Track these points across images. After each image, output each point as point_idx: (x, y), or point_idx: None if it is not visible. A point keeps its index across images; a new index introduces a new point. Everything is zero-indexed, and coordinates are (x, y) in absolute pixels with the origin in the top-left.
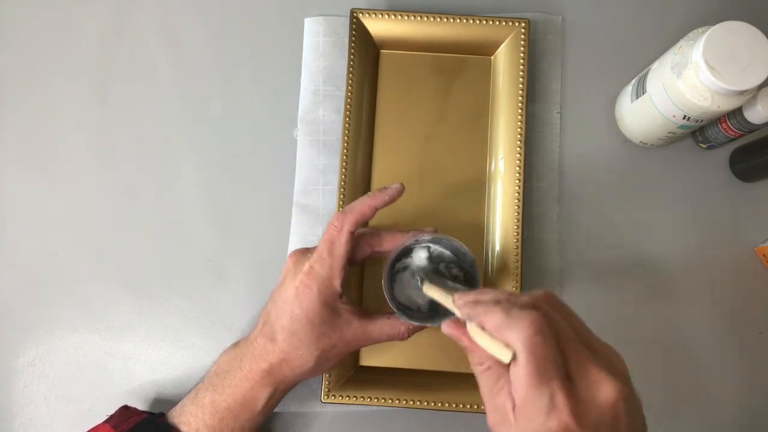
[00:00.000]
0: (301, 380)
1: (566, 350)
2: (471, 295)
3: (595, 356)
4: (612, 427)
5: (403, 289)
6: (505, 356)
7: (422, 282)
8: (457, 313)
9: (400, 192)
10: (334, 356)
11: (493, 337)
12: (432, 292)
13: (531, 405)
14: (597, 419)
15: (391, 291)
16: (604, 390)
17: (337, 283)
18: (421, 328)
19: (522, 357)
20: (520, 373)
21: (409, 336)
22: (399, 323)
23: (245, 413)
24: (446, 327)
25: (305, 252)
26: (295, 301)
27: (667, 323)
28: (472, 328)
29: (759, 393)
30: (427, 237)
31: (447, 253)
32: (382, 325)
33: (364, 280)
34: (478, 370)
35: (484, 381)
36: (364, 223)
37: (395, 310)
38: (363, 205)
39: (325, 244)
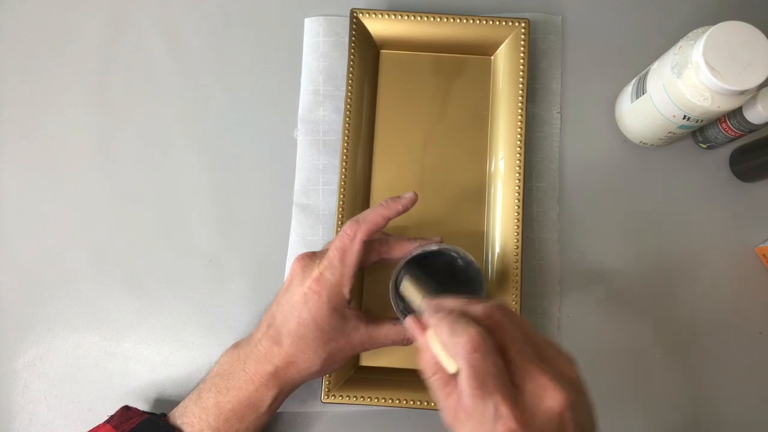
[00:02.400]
0: (306, 381)
1: (513, 359)
2: (434, 302)
3: (543, 363)
4: (588, 406)
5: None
6: (450, 368)
7: (401, 282)
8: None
9: (414, 201)
10: (340, 359)
11: (443, 348)
12: (408, 291)
13: (478, 414)
14: (542, 426)
15: (397, 298)
16: (549, 397)
17: (346, 291)
18: None
19: (462, 371)
20: (463, 386)
21: (413, 342)
22: (404, 329)
23: (250, 414)
24: (409, 321)
25: (312, 256)
26: (303, 306)
27: (666, 323)
28: (430, 334)
29: (759, 393)
30: (434, 247)
31: (458, 262)
32: (387, 331)
33: (365, 284)
34: (426, 373)
35: (433, 385)
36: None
37: (401, 317)
38: (376, 215)
39: (337, 251)
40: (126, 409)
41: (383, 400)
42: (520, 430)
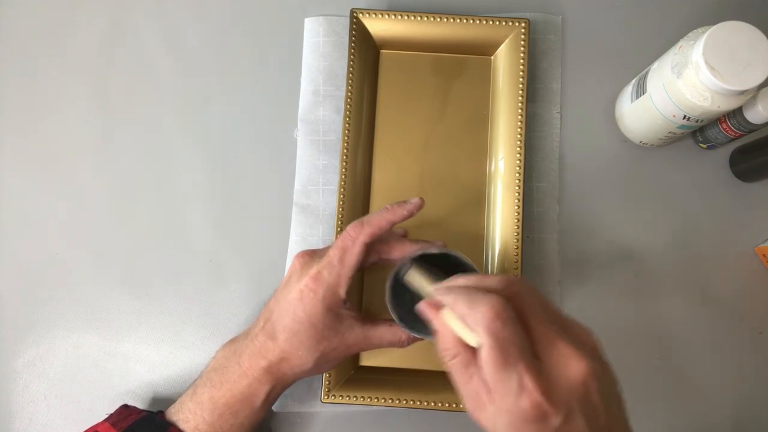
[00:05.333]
0: (300, 378)
1: (533, 329)
2: (445, 283)
3: (563, 333)
4: (584, 402)
5: (405, 299)
6: (473, 341)
7: (408, 269)
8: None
9: (420, 207)
10: (334, 358)
11: (463, 323)
12: (414, 279)
13: (501, 387)
14: (568, 396)
15: (393, 300)
16: (572, 367)
17: (342, 291)
18: (422, 339)
19: (484, 342)
20: (485, 358)
21: (408, 344)
22: (400, 331)
23: (244, 410)
24: (422, 305)
25: (312, 254)
26: (298, 303)
27: (666, 323)
28: (446, 313)
29: (759, 393)
30: (434, 250)
31: (459, 268)
32: (383, 332)
33: (365, 284)
34: (446, 357)
35: (454, 369)
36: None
37: (396, 320)
38: (381, 219)
39: (338, 251)
40: (125, 408)
41: (383, 400)
42: (545, 403)
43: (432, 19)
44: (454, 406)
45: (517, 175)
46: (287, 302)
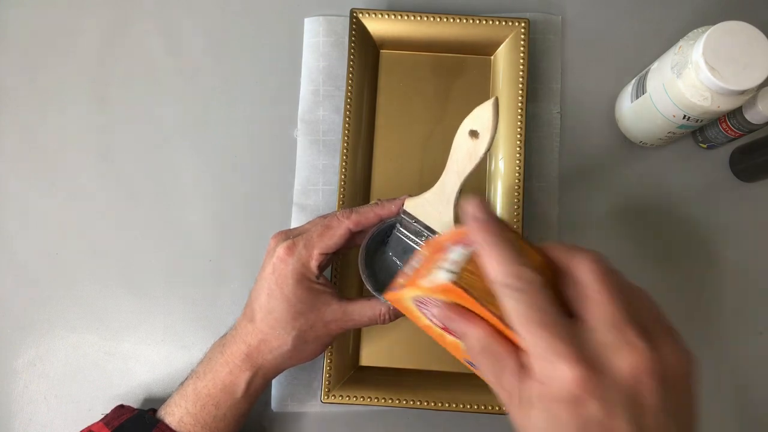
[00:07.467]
0: (282, 366)
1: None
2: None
3: (624, 307)
4: (632, 401)
5: (382, 270)
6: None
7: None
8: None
9: None
10: (313, 339)
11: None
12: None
13: (612, 345)
14: (614, 386)
15: (367, 270)
16: (626, 355)
17: (313, 265)
18: (403, 315)
19: (602, 292)
20: (599, 311)
21: (390, 320)
22: (380, 304)
23: (226, 400)
24: (445, 309)
25: (288, 232)
26: (270, 276)
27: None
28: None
29: (758, 393)
30: (408, 219)
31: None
32: (362, 307)
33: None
34: (477, 350)
35: (487, 361)
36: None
37: (371, 289)
38: (370, 211)
39: (320, 227)
40: (120, 407)
41: (383, 400)
42: (652, 367)
43: (432, 19)
44: (453, 406)
45: (517, 175)
46: (262, 279)
